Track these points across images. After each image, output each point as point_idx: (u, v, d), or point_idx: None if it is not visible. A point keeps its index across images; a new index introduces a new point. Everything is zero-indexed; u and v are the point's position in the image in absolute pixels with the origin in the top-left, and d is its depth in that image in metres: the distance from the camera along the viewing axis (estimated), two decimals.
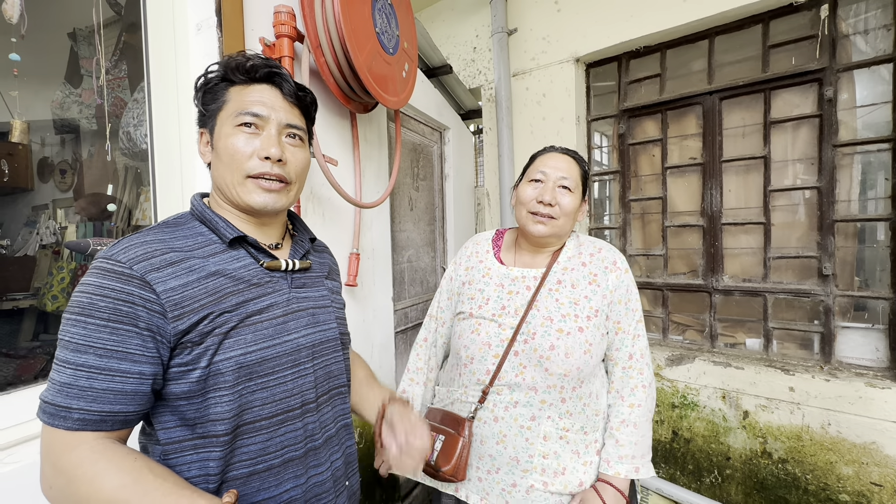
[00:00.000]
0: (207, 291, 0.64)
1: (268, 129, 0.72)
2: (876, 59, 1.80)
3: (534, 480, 1.02)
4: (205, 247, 0.68)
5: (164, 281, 0.61)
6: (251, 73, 0.72)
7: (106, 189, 1.81)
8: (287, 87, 0.75)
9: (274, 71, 0.74)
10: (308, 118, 0.81)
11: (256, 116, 0.71)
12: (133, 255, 0.61)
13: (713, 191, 2.17)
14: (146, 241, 0.64)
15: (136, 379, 0.59)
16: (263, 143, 0.71)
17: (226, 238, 0.70)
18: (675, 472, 2.17)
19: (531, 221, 1.08)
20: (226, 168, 0.71)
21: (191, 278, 0.64)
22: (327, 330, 0.80)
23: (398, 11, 1.62)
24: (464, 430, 1.06)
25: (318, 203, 1.50)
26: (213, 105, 0.73)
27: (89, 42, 1.76)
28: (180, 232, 0.69)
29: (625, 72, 2.43)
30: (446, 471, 1.05)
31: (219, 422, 0.63)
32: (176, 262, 0.64)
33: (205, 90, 0.74)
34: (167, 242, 0.65)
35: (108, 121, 1.46)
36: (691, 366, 2.12)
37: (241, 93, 0.72)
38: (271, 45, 1.29)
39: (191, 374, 0.62)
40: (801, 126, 1.99)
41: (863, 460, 1.72)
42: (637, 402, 1.09)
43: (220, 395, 0.64)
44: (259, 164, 0.71)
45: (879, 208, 1.84)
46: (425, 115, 2.33)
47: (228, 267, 0.68)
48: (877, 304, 1.83)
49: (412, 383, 1.28)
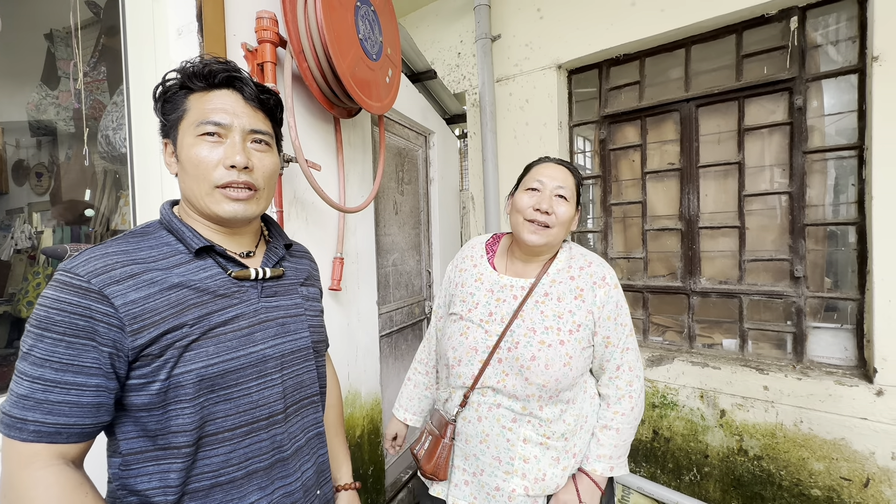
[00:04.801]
0: (169, 304, 0.64)
1: (231, 136, 0.70)
2: (843, 70, 1.88)
3: (515, 485, 1.04)
4: (169, 257, 0.68)
5: (124, 294, 0.61)
6: (209, 78, 0.70)
7: (84, 193, 1.78)
8: (248, 91, 0.73)
9: (233, 75, 0.72)
10: (274, 121, 0.79)
11: (218, 125, 0.69)
12: (92, 268, 0.61)
13: (691, 195, 2.23)
14: (107, 252, 0.63)
15: (92, 392, 0.59)
16: (227, 151, 0.69)
17: (192, 248, 0.69)
18: (656, 471, 2.21)
19: (526, 230, 1.09)
20: (192, 180, 0.69)
21: (152, 290, 0.63)
22: (298, 339, 0.80)
23: (381, 18, 1.63)
24: (445, 433, 1.10)
25: (301, 208, 1.50)
26: (174, 115, 0.71)
27: (67, 43, 1.73)
28: (146, 242, 0.68)
29: (605, 78, 2.48)
30: (427, 469, 1.11)
31: (180, 433, 0.63)
32: (137, 275, 0.63)
33: (164, 99, 0.71)
34: (130, 254, 0.65)
35: (85, 124, 1.44)
36: (671, 366, 2.17)
37: (200, 100, 0.70)
38: (253, 51, 1.30)
39: (151, 387, 0.62)
40: (773, 133, 2.06)
41: (833, 456, 1.78)
42: (622, 410, 1.11)
43: (181, 408, 0.63)
44: (225, 174, 0.69)
45: (848, 213, 1.91)
46: (410, 119, 2.34)
47: (193, 278, 0.68)
48: (846, 305, 1.91)
49: (416, 372, 1.38)
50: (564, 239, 1.17)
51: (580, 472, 1.11)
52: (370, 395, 1.92)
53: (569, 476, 1.09)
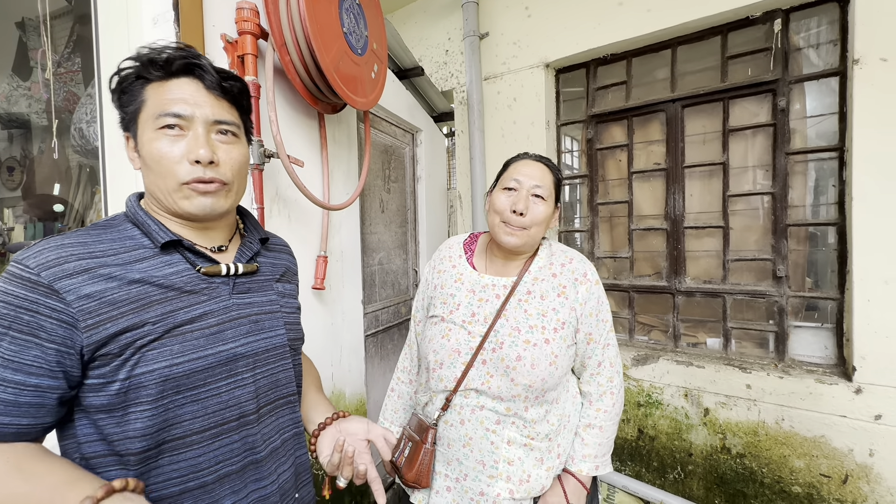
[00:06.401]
0: (129, 300, 0.61)
1: (193, 128, 0.66)
2: (824, 72, 1.90)
3: (500, 489, 1.02)
4: (132, 251, 0.65)
5: (77, 288, 0.58)
6: (167, 66, 0.65)
7: (57, 188, 1.72)
8: (209, 78, 0.67)
9: (193, 62, 0.66)
10: (240, 109, 0.74)
11: (178, 117, 0.64)
12: (43, 259, 0.57)
13: (676, 195, 2.25)
14: (63, 244, 0.60)
15: (31, 392, 0.56)
16: (190, 145, 0.65)
17: (158, 242, 0.66)
18: (641, 470, 2.22)
19: (503, 232, 1.08)
20: (156, 176, 0.65)
21: (110, 285, 0.60)
22: (273, 337, 0.77)
23: (367, 12, 1.61)
24: (427, 438, 1.07)
25: (283, 205, 1.47)
26: (131, 107, 0.66)
27: (39, 33, 1.67)
28: (107, 235, 0.65)
29: (593, 78, 2.48)
30: (409, 477, 1.06)
31: (136, 439, 0.60)
32: (93, 269, 0.60)
33: (121, 90, 0.67)
34: (87, 246, 0.61)
35: (53, 116, 1.39)
36: (656, 365, 2.18)
37: (158, 90, 0.65)
38: (234, 42, 1.26)
39: (109, 387, 0.59)
40: (757, 134, 2.08)
41: (813, 453, 1.81)
42: (604, 408, 1.12)
43: (141, 410, 0.60)
44: (190, 170, 0.65)
45: (828, 213, 1.94)
46: (397, 116, 2.32)
47: (156, 274, 0.64)
48: (826, 305, 1.93)
49: (399, 382, 1.31)
50: (544, 237, 1.16)
51: (565, 472, 1.10)
52: (355, 395, 1.89)
53: (553, 477, 1.08)
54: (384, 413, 1.32)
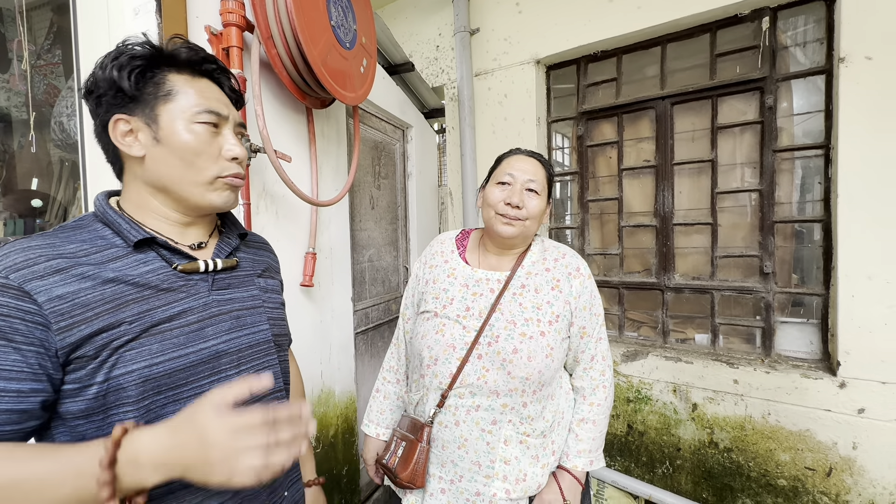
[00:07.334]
0: (103, 300, 0.59)
1: (227, 128, 0.71)
2: (811, 71, 1.92)
3: (496, 489, 1.01)
4: (104, 251, 0.63)
5: (49, 290, 0.56)
6: (197, 65, 0.70)
7: (38, 184, 1.68)
8: (227, 84, 0.74)
9: (220, 66, 0.73)
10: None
11: (219, 115, 0.69)
12: (11, 262, 0.56)
13: (665, 192, 2.26)
14: (30, 246, 0.58)
15: (11, 397, 0.54)
16: (230, 143, 0.71)
17: (130, 241, 0.64)
18: (630, 465, 2.24)
19: (499, 223, 1.07)
20: (186, 167, 0.67)
21: (83, 286, 0.58)
22: (257, 333, 0.76)
23: (355, 5, 1.58)
24: (422, 436, 1.05)
25: (271, 201, 1.45)
26: (151, 91, 0.65)
27: (16, 23, 1.62)
28: (77, 236, 0.63)
29: (583, 75, 2.48)
30: (403, 477, 1.04)
31: None
32: (65, 269, 0.58)
33: (139, 71, 0.66)
34: (56, 247, 0.60)
35: (31, 109, 1.35)
36: (645, 361, 2.19)
37: (190, 85, 0.68)
38: (218, 34, 1.23)
39: (87, 391, 0.58)
40: (745, 131, 2.10)
41: (798, 447, 1.84)
42: (597, 402, 1.13)
43: (123, 412, 0.59)
44: (227, 166, 0.70)
45: (814, 210, 1.97)
46: (387, 112, 2.29)
47: (131, 273, 0.63)
48: (811, 300, 1.96)
49: (385, 382, 1.29)
50: (536, 232, 1.16)
51: (560, 469, 1.10)
52: (344, 393, 1.87)
53: (548, 474, 1.08)
54: (369, 415, 1.28)
